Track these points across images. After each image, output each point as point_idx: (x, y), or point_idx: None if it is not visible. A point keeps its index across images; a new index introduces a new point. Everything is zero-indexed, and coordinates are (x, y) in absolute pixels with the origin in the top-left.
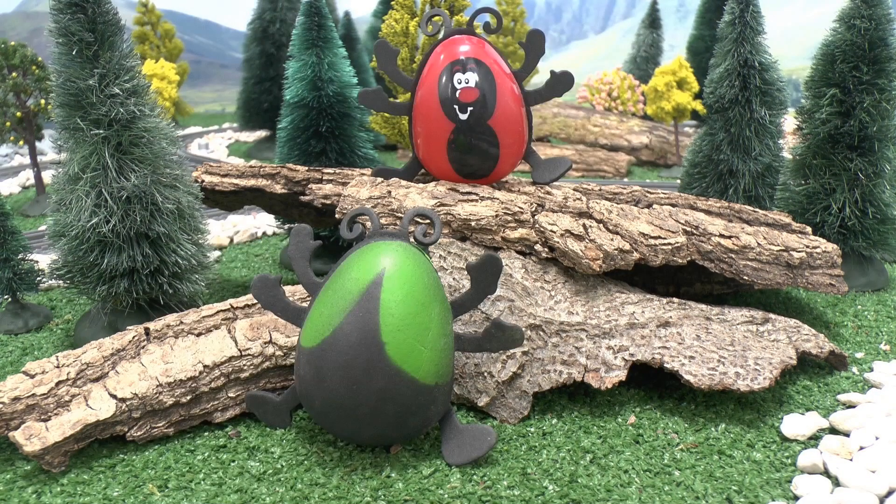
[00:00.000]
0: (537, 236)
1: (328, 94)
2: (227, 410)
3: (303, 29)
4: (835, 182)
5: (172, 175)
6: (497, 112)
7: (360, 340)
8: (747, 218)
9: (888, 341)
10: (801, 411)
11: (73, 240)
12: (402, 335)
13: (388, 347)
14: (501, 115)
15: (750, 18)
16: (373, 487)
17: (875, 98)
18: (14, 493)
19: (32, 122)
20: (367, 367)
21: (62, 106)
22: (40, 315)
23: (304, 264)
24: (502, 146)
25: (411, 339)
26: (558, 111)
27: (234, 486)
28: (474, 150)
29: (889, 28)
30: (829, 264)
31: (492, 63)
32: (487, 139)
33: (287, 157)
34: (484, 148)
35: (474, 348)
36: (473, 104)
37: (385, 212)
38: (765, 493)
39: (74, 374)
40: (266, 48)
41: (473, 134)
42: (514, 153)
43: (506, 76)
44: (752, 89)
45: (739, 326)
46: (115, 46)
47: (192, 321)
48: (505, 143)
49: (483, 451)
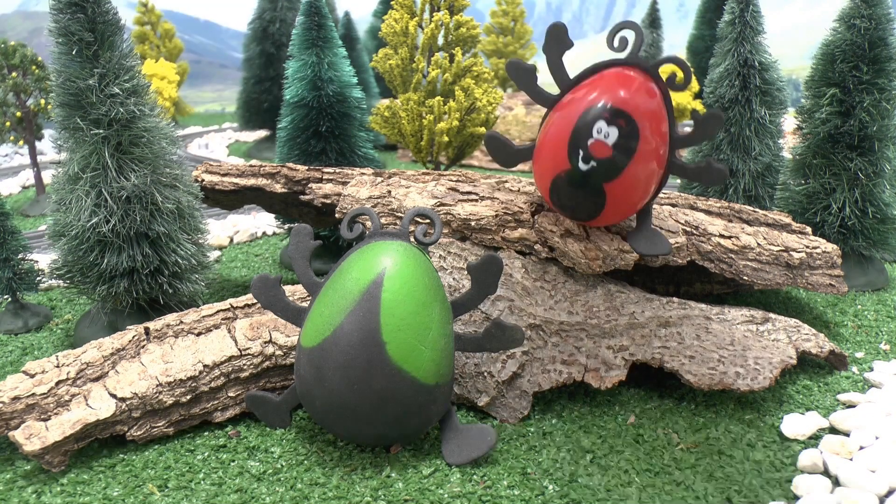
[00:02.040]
0: (537, 236)
1: (328, 93)
2: (227, 410)
3: (303, 29)
4: (835, 182)
5: (172, 175)
6: (620, 178)
7: (361, 340)
8: (747, 218)
9: (888, 341)
10: (801, 411)
11: (73, 240)
12: (403, 335)
13: (389, 347)
14: (624, 181)
15: (750, 18)
16: (373, 487)
17: (875, 98)
18: (14, 493)
19: (32, 122)
20: (367, 366)
21: (62, 106)
22: (40, 315)
23: (304, 264)
24: (609, 205)
25: (412, 339)
26: None
27: (234, 485)
28: (575, 199)
29: (889, 28)
30: (829, 264)
31: (646, 121)
32: (594, 199)
33: (287, 156)
34: (586, 203)
35: (474, 348)
36: (599, 162)
37: (385, 211)
38: (765, 493)
39: (74, 373)
40: (266, 48)
41: (583, 187)
42: (621, 212)
43: (656, 138)
44: (752, 89)
45: (739, 326)
46: (114, 46)
47: (192, 321)
48: (614, 203)
49: (483, 450)
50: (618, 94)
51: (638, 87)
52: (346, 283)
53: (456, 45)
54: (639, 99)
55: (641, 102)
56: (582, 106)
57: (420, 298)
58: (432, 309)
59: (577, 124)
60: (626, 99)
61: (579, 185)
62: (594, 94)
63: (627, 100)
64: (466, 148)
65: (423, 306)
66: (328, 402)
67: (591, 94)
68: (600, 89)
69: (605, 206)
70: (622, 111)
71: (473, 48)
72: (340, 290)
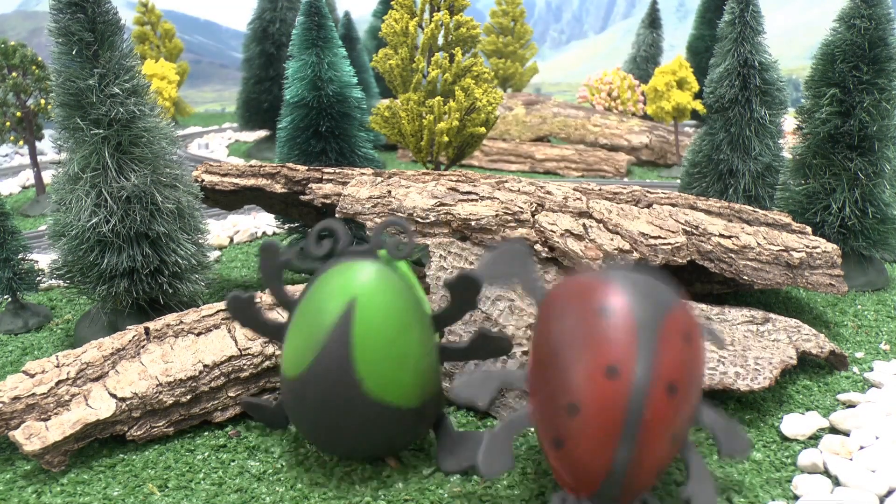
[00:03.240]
0: (537, 236)
1: (328, 93)
2: (227, 410)
3: (303, 29)
4: (835, 182)
5: (172, 175)
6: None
7: (335, 380)
8: (747, 218)
9: (888, 341)
10: (801, 411)
11: (73, 240)
12: (380, 368)
13: (366, 384)
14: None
15: (750, 18)
16: (373, 487)
17: (875, 98)
18: (14, 493)
19: (32, 122)
20: (345, 403)
21: (62, 106)
22: (40, 315)
23: (276, 283)
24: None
25: (390, 371)
26: (558, 111)
27: (234, 485)
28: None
29: (889, 28)
30: (829, 264)
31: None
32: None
33: (287, 156)
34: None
35: (461, 358)
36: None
37: (385, 212)
38: (765, 493)
39: (74, 373)
40: (266, 48)
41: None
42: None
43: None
44: (752, 89)
45: (739, 326)
46: (114, 46)
47: (192, 321)
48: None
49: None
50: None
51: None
52: (315, 315)
53: (456, 45)
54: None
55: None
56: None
57: (396, 325)
58: (410, 332)
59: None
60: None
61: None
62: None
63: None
64: (466, 148)
65: (399, 332)
66: (313, 428)
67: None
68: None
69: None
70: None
71: (473, 48)
72: (311, 320)
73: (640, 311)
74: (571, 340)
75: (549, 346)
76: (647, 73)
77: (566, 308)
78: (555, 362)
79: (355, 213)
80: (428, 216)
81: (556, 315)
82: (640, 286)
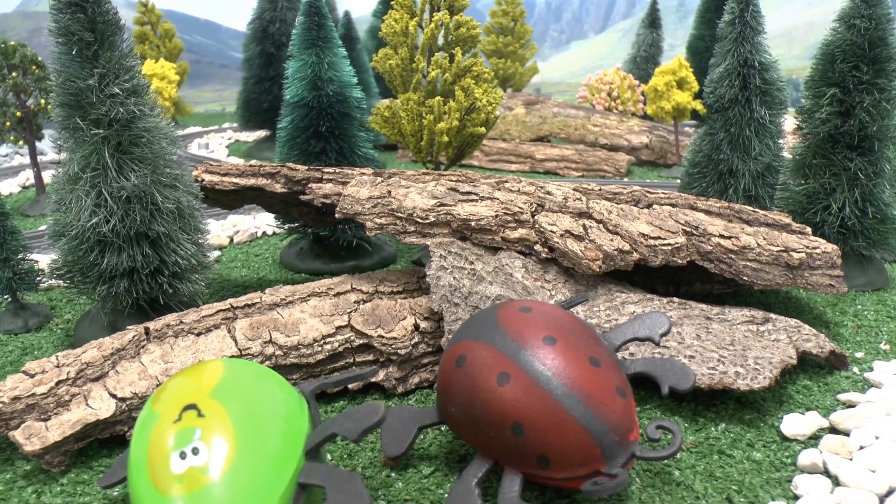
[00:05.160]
0: (537, 236)
1: (328, 93)
2: None
3: (303, 29)
4: (835, 182)
5: (172, 175)
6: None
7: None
8: (747, 218)
9: (888, 341)
10: (801, 411)
11: (73, 240)
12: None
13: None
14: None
15: (750, 18)
16: (373, 487)
17: (875, 98)
18: (14, 493)
19: (32, 122)
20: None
21: (62, 106)
22: (40, 315)
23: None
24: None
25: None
26: (558, 111)
27: None
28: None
29: (889, 28)
30: (829, 265)
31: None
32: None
33: (287, 156)
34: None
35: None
36: None
37: (385, 212)
38: (765, 493)
39: (74, 373)
40: (266, 48)
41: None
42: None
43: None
44: (752, 89)
45: (740, 326)
46: (114, 46)
47: (192, 321)
48: None
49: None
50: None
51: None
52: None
53: (456, 45)
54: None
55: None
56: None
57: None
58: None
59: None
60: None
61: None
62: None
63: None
64: (466, 148)
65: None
66: None
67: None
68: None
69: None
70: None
71: (473, 48)
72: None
73: None
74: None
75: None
76: (647, 73)
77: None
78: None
79: (355, 213)
80: (428, 216)
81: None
82: None
